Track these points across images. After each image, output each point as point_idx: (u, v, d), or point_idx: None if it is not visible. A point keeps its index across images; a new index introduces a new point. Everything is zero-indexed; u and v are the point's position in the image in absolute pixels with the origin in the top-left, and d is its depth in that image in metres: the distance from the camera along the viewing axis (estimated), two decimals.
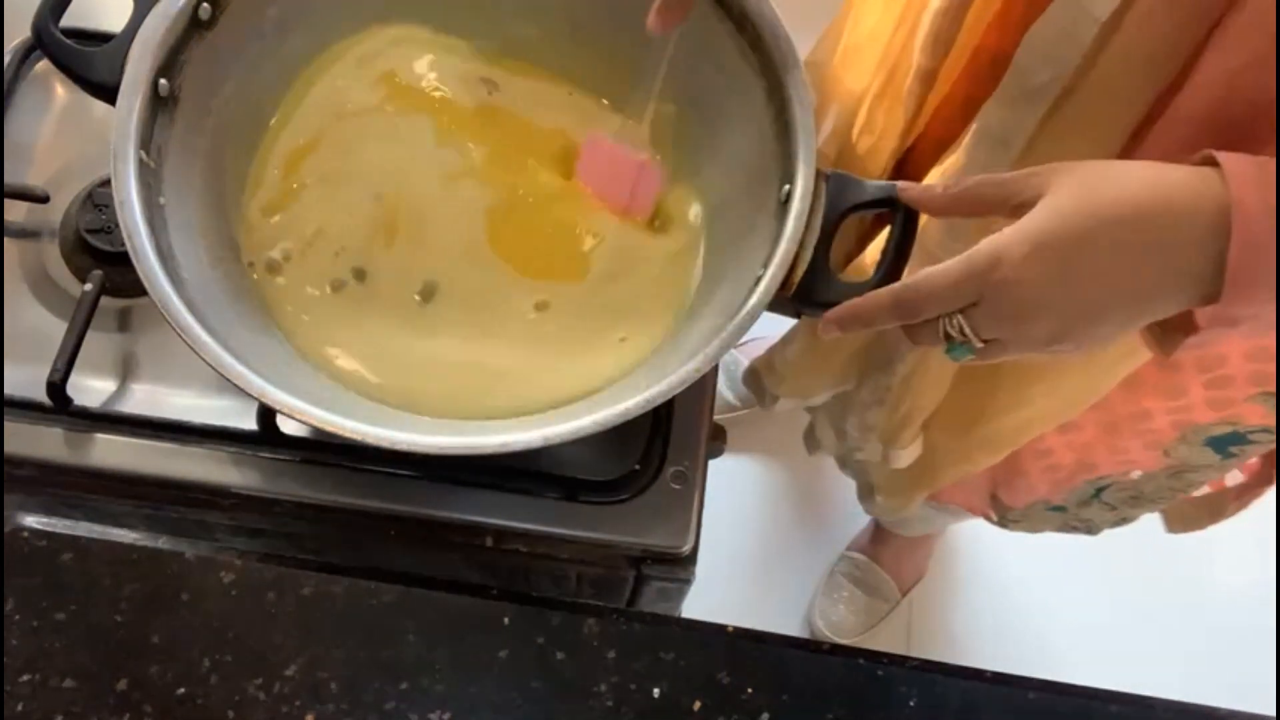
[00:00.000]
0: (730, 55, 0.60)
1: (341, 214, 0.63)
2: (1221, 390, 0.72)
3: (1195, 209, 0.43)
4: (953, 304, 0.47)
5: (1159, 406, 0.76)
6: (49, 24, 0.57)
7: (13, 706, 0.54)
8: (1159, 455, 0.83)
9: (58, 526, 0.59)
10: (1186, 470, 0.85)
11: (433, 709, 0.55)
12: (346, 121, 0.65)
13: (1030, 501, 0.98)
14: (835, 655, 0.58)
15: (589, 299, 0.63)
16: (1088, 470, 0.88)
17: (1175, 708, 0.58)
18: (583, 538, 0.64)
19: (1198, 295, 0.44)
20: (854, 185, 0.55)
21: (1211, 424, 0.77)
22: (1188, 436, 0.79)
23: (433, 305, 0.62)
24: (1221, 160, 0.43)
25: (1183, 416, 0.77)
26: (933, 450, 0.89)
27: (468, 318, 0.62)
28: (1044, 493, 0.95)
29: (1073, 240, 0.45)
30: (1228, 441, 0.78)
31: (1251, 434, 0.77)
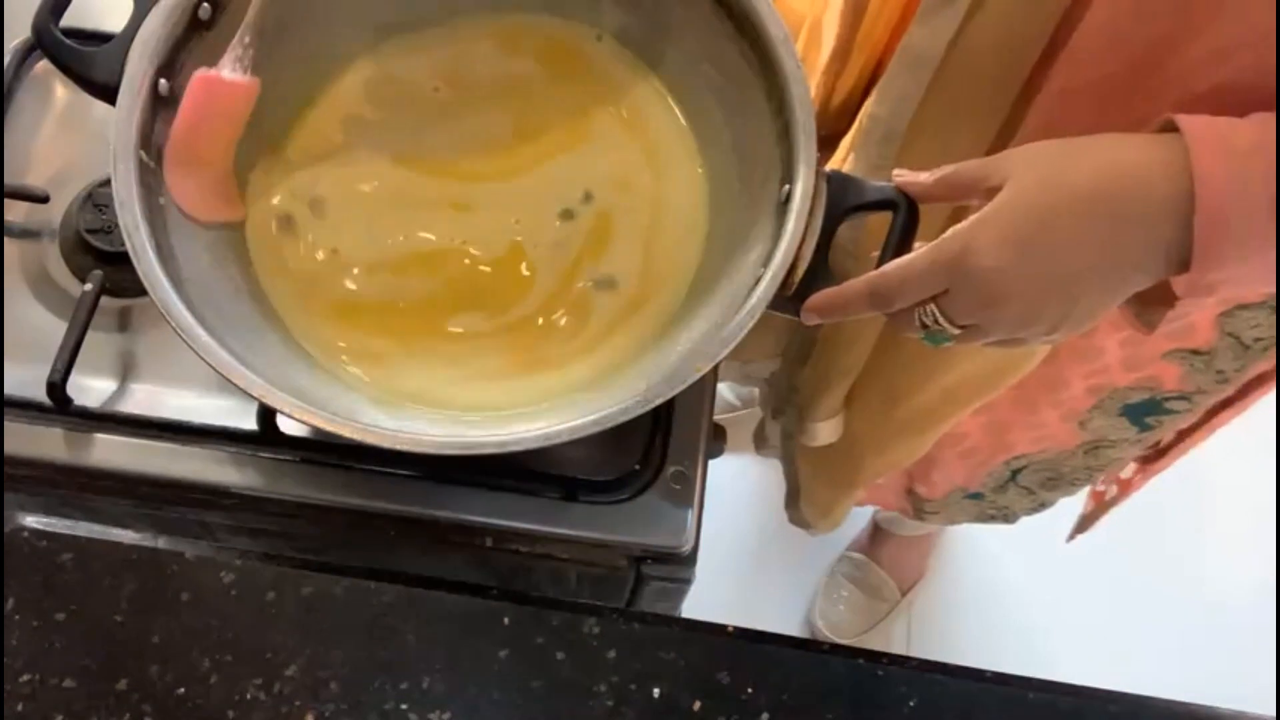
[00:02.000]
0: (730, 55, 0.60)
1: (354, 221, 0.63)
2: (1137, 347, 0.72)
3: (1157, 179, 0.43)
4: (924, 291, 0.48)
5: (1075, 371, 0.76)
6: (49, 24, 0.57)
7: (13, 706, 0.54)
8: (1074, 428, 0.83)
9: (58, 526, 0.59)
10: (1103, 445, 0.85)
11: (433, 709, 0.55)
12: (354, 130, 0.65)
13: (948, 491, 0.98)
14: (835, 655, 0.58)
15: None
16: (1005, 450, 0.88)
17: (1174, 708, 0.58)
18: (583, 537, 0.64)
19: (1170, 264, 0.44)
20: (854, 185, 0.55)
21: (1129, 388, 0.76)
22: (1104, 404, 0.79)
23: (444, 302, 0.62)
24: (1181, 124, 0.43)
25: (1099, 379, 0.76)
26: (854, 440, 0.88)
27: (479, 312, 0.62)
28: (961, 479, 0.96)
29: (1036, 222, 0.45)
30: (1144, 410, 0.78)
31: (1168, 401, 0.76)
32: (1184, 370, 0.73)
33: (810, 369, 0.85)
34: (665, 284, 0.63)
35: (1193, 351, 0.71)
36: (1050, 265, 0.45)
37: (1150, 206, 0.43)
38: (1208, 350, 0.71)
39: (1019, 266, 0.45)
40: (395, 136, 0.66)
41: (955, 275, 0.47)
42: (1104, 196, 0.44)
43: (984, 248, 0.45)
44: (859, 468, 0.92)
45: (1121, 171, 0.44)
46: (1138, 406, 0.78)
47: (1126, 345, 0.72)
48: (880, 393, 0.82)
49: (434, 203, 0.65)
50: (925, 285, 0.48)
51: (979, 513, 1.03)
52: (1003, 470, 0.93)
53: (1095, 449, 0.86)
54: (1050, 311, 0.47)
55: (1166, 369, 0.74)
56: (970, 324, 0.49)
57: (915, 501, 1.04)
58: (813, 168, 0.55)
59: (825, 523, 1.06)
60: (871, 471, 0.92)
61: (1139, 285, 0.46)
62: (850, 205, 0.54)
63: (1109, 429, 0.82)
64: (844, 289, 0.51)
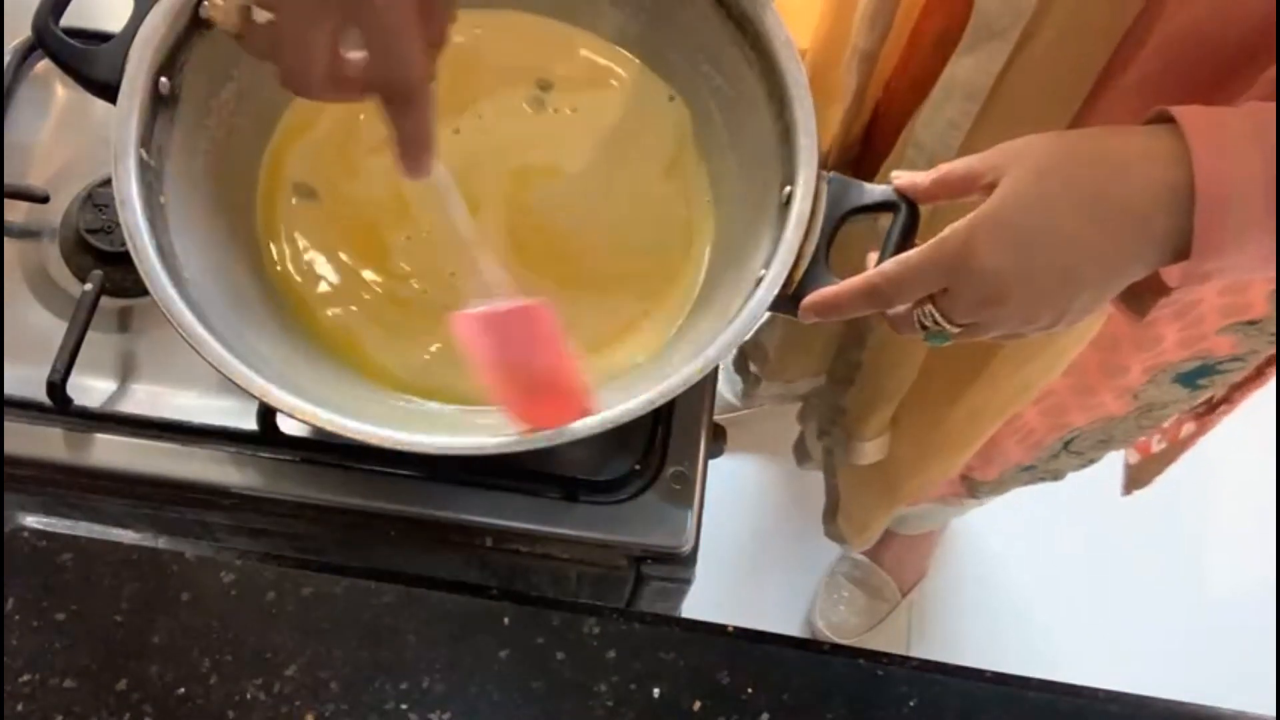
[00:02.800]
0: (731, 58, 0.60)
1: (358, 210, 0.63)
2: (1193, 328, 0.72)
3: (1154, 169, 0.43)
4: (922, 290, 0.48)
5: (1135, 360, 0.76)
6: (49, 23, 0.57)
7: (13, 706, 0.54)
8: (1129, 400, 0.83)
9: (58, 526, 0.59)
10: (1155, 408, 0.85)
11: (433, 709, 0.55)
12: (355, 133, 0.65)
13: (1002, 470, 0.98)
14: (835, 655, 0.58)
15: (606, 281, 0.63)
16: (1061, 429, 0.88)
17: (1175, 708, 0.58)
18: (583, 538, 0.64)
19: (1166, 255, 0.44)
20: (854, 188, 0.55)
21: (1181, 360, 0.76)
22: (1157, 378, 0.79)
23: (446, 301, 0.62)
24: (1177, 115, 0.43)
25: (1156, 361, 0.76)
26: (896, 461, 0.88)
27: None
28: (1016, 459, 0.96)
29: (1033, 217, 0.45)
30: (1197, 375, 0.78)
31: (1221, 364, 0.76)
32: (1238, 338, 0.72)
33: (857, 390, 0.84)
34: (671, 287, 0.63)
35: (1248, 323, 0.71)
36: (1049, 260, 0.45)
37: (1148, 197, 0.43)
38: (1260, 319, 0.70)
39: (1018, 263, 0.45)
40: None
41: (954, 273, 0.46)
42: (1101, 189, 0.44)
43: (982, 246, 0.45)
44: (898, 488, 0.92)
45: (1118, 163, 0.44)
46: (1191, 373, 0.77)
47: (1184, 328, 0.72)
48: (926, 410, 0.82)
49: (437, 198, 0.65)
50: (924, 284, 0.48)
51: (1030, 478, 1.02)
52: (1056, 444, 0.92)
53: (1148, 411, 0.85)
54: (1050, 306, 0.47)
55: (1220, 340, 0.73)
56: (969, 322, 0.48)
57: (970, 485, 1.03)
58: (814, 169, 0.55)
59: (860, 539, 1.06)
60: (909, 491, 0.92)
61: (1137, 275, 0.46)
62: (851, 207, 0.54)
63: (1162, 394, 0.82)
64: (842, 288, 0.51)
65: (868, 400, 0.83)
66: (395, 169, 0.46)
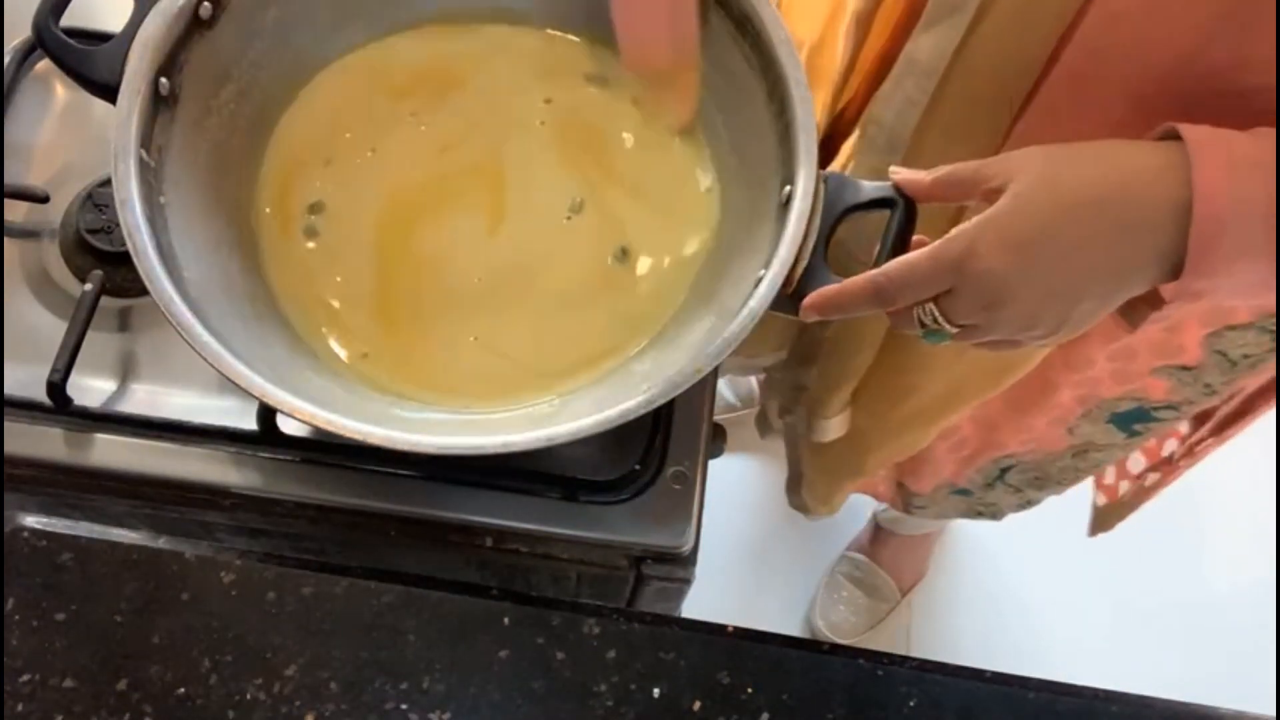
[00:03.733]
0: (731, 57, 0.60)
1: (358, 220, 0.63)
2: (1126, 362, 0.73)
3: (1157, 187, 0.43)
4: (926, 291, 0.48)
5: (1065, 379, 0.76)
6: (49, 23, 0.57)
7: (13, 706, 0.54)
8: (1063, 433, 0.84)
9: (58, 526, 0.59)
10: (1091, 449, 0.85)
11: (433, 709, 0.55)
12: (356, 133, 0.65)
13: (936, 485, 0.98)
14: (835, 655, 0.58)
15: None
16: (994, 448, 0.89)
17: (1175, 708, 0.58)
18: (583, 538, 0.64)
19: (1165, 270, 0.45)
20: (851, 185, 0.55)
21: (1116, 399, 0.77)
22: (1091, 413, 0.79)
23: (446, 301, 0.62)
24: (1184, 133, 0.44)
25: (1088, 390, 0.77)
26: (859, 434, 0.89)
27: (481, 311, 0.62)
28: (949, 474, 0.96)
29: (1039, 226, 0.45)
30: (1132, 419, 0.79)
31: (1156, 410, 0.77)
32: (1172, 384, 0.74)
33: (819, 369, 0.85)
34: (668, 286, 0.63)
35: (1181, 367, 0.72)
36: (1052, 269, 0.45)
37: (1151, 212, 0.44)
38: (1195, 366, 0.71)
39: (1021, 269, 0.45)
40: (398, 136, 0.66)
41: (958, 275, 0.47)
42: (1107, 202, 0.44)
43: (987, 249, 0.45)
44: (862, 461, 0.92)
45: (1124, 177, 0.44)
46: (1126, 415, 0.79)
47: (1115, 359, 0.73)
48: (886, 390, 0.82)
49: (438, 204, 0.65)
50: (928, 285, 0.48)
51: (967, 508, 1.03)
52: (991, 468, 0.93)
53: (1083, 452, 0.86)
54: (1050, 314, 0.47)
55: (1154, 383, 0.74)
56: (969, 324, 0.49)
57: (904, 495, 1.04)
58: (814, 169, 0.55)
59: (824, 509, 1.07)
60: (874, 464, 0.93)
61: (1136, 290, 0.47)
62: (849, 205, 0.54)
63: (1096, 434, 0.83)
64: (845, 287, 0.51)
65: (830, 379, 0.84)
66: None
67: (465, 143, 0.66)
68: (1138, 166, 0.44)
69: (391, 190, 0.64)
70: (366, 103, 0.66)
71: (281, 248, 0.63)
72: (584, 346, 0.61)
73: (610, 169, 0.65)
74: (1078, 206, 0.45)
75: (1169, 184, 0.43)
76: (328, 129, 0.65)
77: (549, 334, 0.62)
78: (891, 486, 1.06)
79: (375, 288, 0.63)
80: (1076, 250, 0.45)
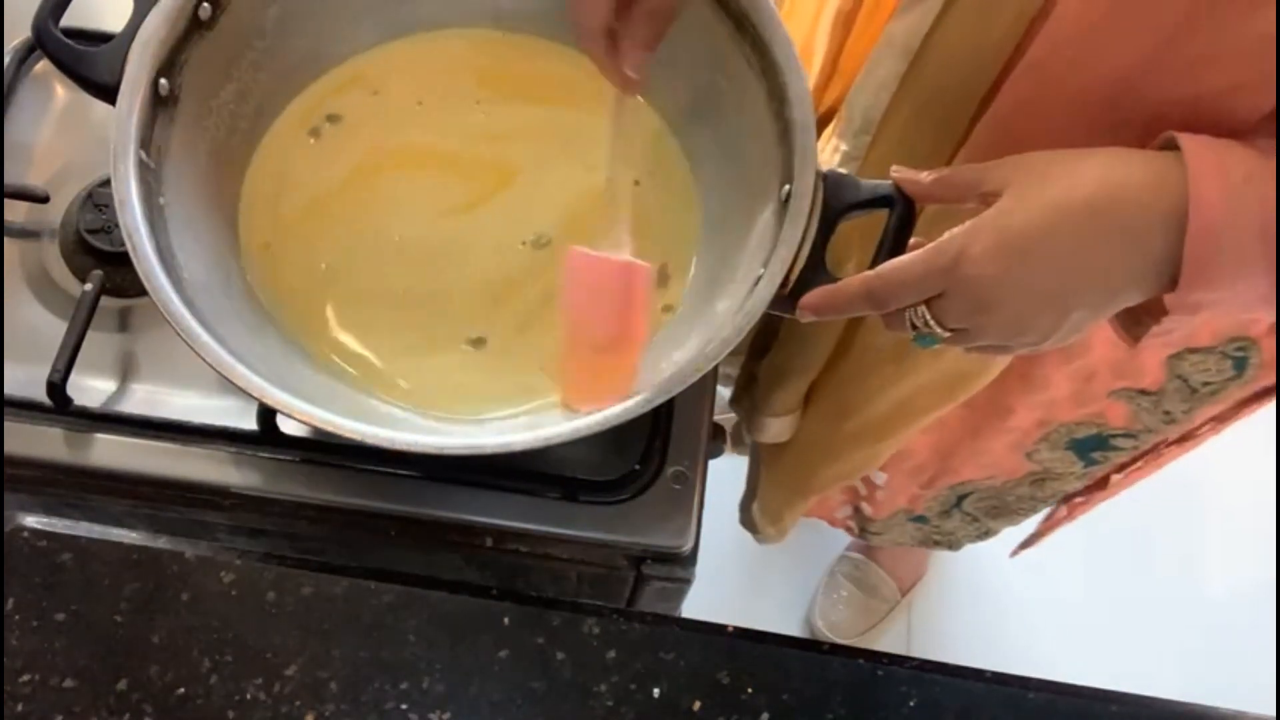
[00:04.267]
0: (731, 56, 0.60)
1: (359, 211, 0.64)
2: (1085, 383, 0.72)
3: (1154, 197, 0.43)
4: (920, 295, 0.48)
5: (1020, 401, 0.76)
6: (49, 24, 0.57)
7: (13, 706, 0.54)
8: (1021, 459, 0.83)
9: (58, 526, 0.59)
10: (1049, 478, 0.85)
11: (433, 709, 0.55)
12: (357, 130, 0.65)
13: (892, 511, 0.98)
14: (835, 655, 0.58)
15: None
16: (950, 474, 0.88)
17: (1175, 708, 0.58)
18: (583, 538, 0.64)
19: (1160, 281, 0.45)
20: (850, 184, 0.55)
21: (1075, 423, 0.76)
22: (1050, 436, 0.79)
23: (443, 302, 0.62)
24: (1182, 143, 0.43)
25: (1045, 414, 0.77)
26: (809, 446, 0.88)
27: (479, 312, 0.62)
28: (905, 501, 0.96)
29: (1034, 234, 0.45)
30: (1091, 446, 0.79)
31: (1114, 438, 0.77)
32: (1131, 410, 0.73)
33: (768, 361, 0.85)
34: (666, 285, 0.63)
35: (1140, 391, 0.72)
36: (1046, 276, 0.45)
37: (1146, 223, 0.43)
38: (1156, 391, 0.71)
39: (1015, 276, 0.45)
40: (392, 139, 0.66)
41: (951, 279, 0.47)
42: (1103, 211, 0.44)
43: (981, 255, 0.45)
44: (812, 474, 0.92)
45: (1120, 187, 0.44)
46: (1084, 442, 0.79)
47: (1074, 379, 0.72)
48: (835, 400, 0.82)
49: (432, 205, 0.65)
50: (921, 288, 0.48)
51: (923, 537, 1.02)
52: (948, 495, 0.93)
53: (1041, 481, 0.86)
54: (1042, 322, 0.47)
55: (1114, 407, 0.74)
56: (960, 328, 0.49)
57: (860, 520, 1.04)
58: (813, 168, 0.55)
59: (772, 530, 1.05)
60: (823, 479, 0.91)
61: (1131, 300, 0.47)
62: (847, 204, 0.54)
63: (1055, 462, 0.83)
64: (840, 288, 0.51)
65: (777, 371, 0.83)
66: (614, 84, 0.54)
67: (467, 148, 0.66)
68: (1134, 176, 0.44)
69: (394, 192, 0.65)
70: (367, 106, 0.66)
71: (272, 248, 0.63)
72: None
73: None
74: (1074, 214, 0.44)
75: (1165, 194, 0.43)
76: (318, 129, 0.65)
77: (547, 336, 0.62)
78: (847, 510, 1.05)
79: (371, 289, 0.63)
80: (1069, 257, 0.45)
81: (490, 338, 0.62)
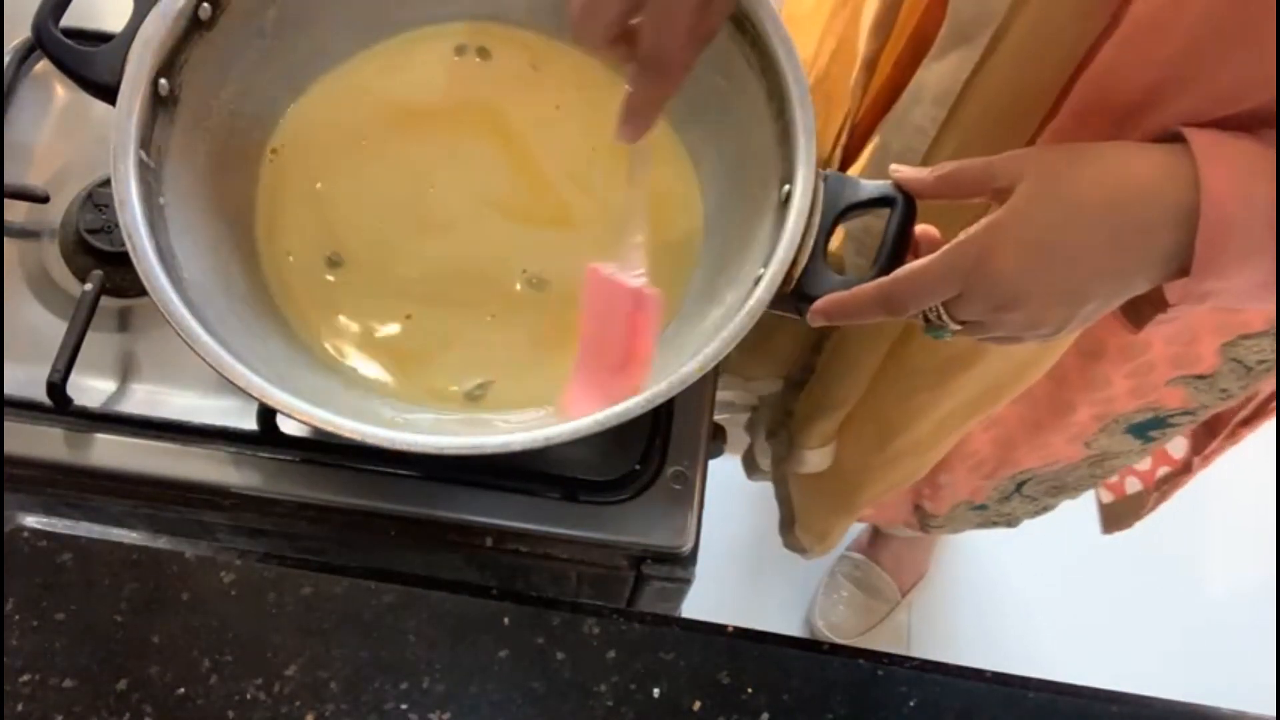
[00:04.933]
0: (731, 56, 0.60)
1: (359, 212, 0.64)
2: (1144, 378, 0.73)
3: (1164, 189, 0.44)
4: (936, 298, 0.48)
5: (1082, 399, 0.77)
6: (49, 24, 0.57)
7: (13, 706, 0.54)
8: (1080, 447, 0.84)
9: (58, 526, 0.59)
10: (1108, 457, 0.85)
11: (433, 709, 0.55)
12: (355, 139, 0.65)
13: (953, 505, 0.98)
14: (835, 655, 0.58)
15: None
16: (1011, 465, 0.89)
17: (1175, 708, 0.58)
18: (583, 538, 0.64)
19: (1170, 271, 0.45)
20: (850, 184, 0.55)
21: (1134, 411, 0.77)
22: (1109, 427, 0.79)
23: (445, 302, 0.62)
24: (1189, 136, 0.44)
25: (1104, 409, 0.77)
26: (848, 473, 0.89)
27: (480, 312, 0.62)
28: (966, 494, 0.96)
29: (1050, 228, 0.45)
30: (1148, 426, 0.79)
31: (1172, 417, 0.77)
32: (1188, 392, 0.74)
33: (806, 395, 0.85)
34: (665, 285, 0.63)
35: (1197, 376, 0.72)
36: (1063, 271, 0.45)
37: (1157, 214, 0.44)
38: (1211, 374, 0.71)
39: (1034, 272, 0.46)
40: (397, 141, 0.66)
41: (970, 279, 0.47)
42: (1115, 204, 0.44)
43: (1001, 253, 0.45)
44: (856, 495, 0.92)
45: (1131, 179, 0.44)
46: (1142, 425, 0.79)
47: (1132, 376, 0.73)
48: (874, 425, 0.82)
49: (435, 204, 0.65)
50: (938, 291, 0.48)
51: (983, 520, 1.03)
52: (1008, 484, 0.93)
53: (1100, 461, 0.86)
54: (1057, 315, 0.47)
55: (1171, 392, 0.74)
56: (973, 320, 0.49)
57: (921, 516, 1.04)
58: (813, 168, 0.55)
59: (821, 547, 1.06)
60: (869, 497, 0.92)
61: (1141, 289, 0.47)
62: (848, 203, 0.54)
63: (1113, 445, 0.83)
64: (855, 294, 0.51)
65: (815, 406, 0.83)
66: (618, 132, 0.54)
67: (469, 145, 0.66)
68: (1144, 168, 0.44)
69: (394, 192, 0.65)
70: (368, 106, 0.66)
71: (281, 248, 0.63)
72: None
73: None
74: (1086, 208, 0.45)
75: (1175, 186, 0.43)
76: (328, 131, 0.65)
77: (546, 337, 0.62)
78: (907, 510, 1.06)
79: (374, 288, 0.63)
80: (1085, 252, 0.45)
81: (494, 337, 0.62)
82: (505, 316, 0.63)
